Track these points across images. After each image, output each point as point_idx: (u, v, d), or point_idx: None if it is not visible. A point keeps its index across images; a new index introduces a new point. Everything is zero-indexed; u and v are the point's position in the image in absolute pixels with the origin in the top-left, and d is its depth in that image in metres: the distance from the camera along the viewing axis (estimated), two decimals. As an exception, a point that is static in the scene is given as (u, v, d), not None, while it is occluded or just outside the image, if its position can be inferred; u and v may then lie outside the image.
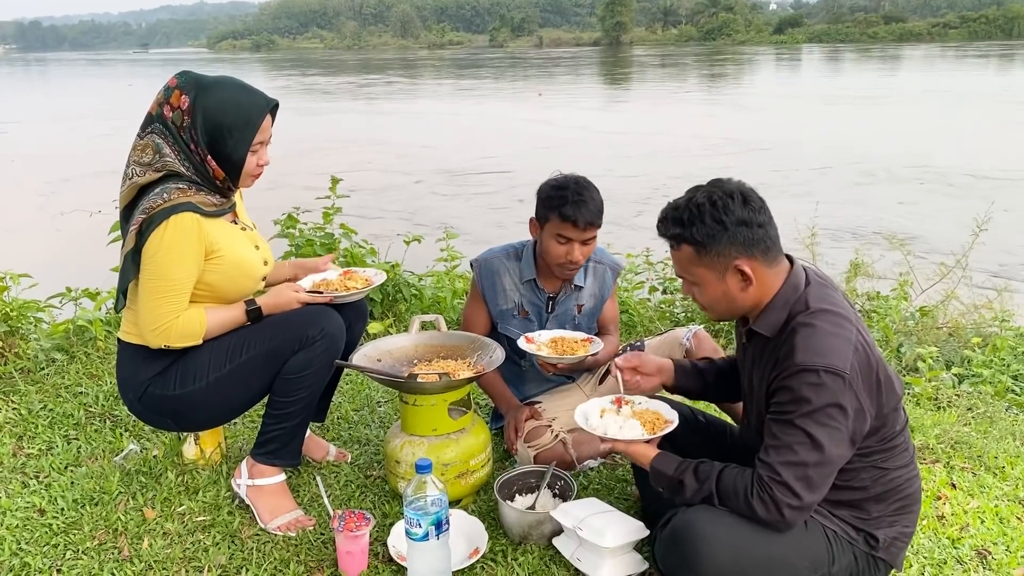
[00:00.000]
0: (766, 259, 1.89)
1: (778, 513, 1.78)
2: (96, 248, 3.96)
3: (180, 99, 2.22)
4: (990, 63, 42.91)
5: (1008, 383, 3.97)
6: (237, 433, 3.03)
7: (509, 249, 2.83)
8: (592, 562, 2.15)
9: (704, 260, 1.89)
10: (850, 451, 1.82)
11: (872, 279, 5.12)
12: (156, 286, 2.21)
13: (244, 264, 2.36)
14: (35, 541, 2.34)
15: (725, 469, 1.90)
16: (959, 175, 12.24)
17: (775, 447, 1.79)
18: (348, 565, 2.21)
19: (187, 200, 2.21)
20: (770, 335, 1.91)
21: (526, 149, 16.20)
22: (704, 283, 1.93)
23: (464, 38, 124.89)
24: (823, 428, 1.75)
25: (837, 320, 1.81)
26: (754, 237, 1.86)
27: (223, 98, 2.23)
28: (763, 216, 1.88)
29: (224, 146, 2.24)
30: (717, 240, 1.85)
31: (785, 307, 1.88)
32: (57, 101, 33.39)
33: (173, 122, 2.23)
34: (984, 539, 2.45)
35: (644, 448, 2.05)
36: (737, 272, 1.88)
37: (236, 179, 2.31)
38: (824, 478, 1.79)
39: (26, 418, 3.12)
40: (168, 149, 2.24)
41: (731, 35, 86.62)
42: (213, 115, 2.22)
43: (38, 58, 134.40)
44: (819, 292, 1.88)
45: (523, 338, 2.64)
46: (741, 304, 1.93)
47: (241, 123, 2.24)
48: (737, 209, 1.85)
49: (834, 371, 1.74)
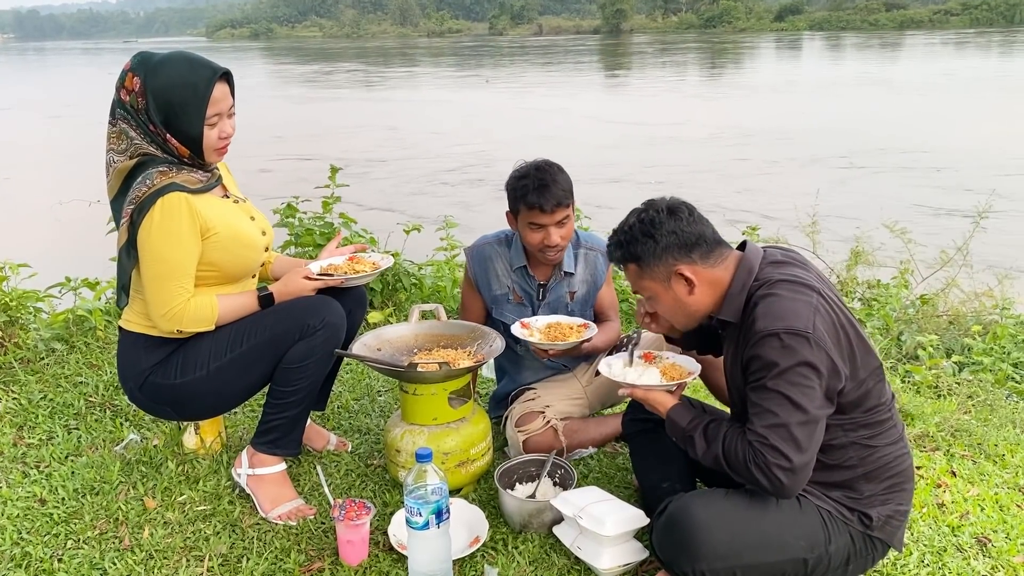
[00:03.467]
0: (706, 260, 1.96)
1: (775, 478, 1.80)
2: (95, 237, 3.95)
3: (132, 81, 2.19)
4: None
5: (1008, 371, 3.98)
6: (237, 422, 3.03)
7: (501, 236, 2.84)
8: (592, 550, 2.15)
9: (647, 273, 2.00)
10: (829, 407, 1.84)
11: (873, 267, 5.12)
12: (158, 271, 2.20)
13: (242, 236, 2.34)
14: (36, 530, 2.35)
15: (729, 432, 1.92)
16: (964, 162, 12.22)
17: (757, 414, 1.83)
18: (349, 554, 2.21)
19: (171, 181, 2.19)
20: (735, 320, 1.96)
21: (525, 137, 16.16)
22: (656, 295, 2.02)
23: (463, 26, 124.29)
24: (796, 387, 1.78)
25: (794, 287, 1.86)
26: (686, 242, 1.95)
27: (170, 75, 2.19)
28: (690, 223, 1.97)
29: (180, 123, 2.20)
30: (652, 253, 1.96)
31: (743, 290, 1.94)
32: (47, 90, 33.32)
33: (131, 105, 2.21)
34: (984, 527, 2.45)
35: (662, 396, 2.09)
36: (680, 278, 1.96)
37: (200, 154, 2.27)
38: (809, 436, 1.81)
39: (26, 408, 3.12)
40: (134, 132, 2.22)
41: (731, 22, 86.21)
42: (162, 93, 2.18)
43: (36, 47, 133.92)
44: (775, 270, 1.93)
45: (518, 323, 2.64)
46: (695, 308, 2.00)
47: (190, 98, 2.18)
48: (665, 222, 1.95)
49: (795, 331, 1.78)
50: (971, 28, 69.17)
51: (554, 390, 2.84)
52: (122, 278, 2.29)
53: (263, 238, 2.45)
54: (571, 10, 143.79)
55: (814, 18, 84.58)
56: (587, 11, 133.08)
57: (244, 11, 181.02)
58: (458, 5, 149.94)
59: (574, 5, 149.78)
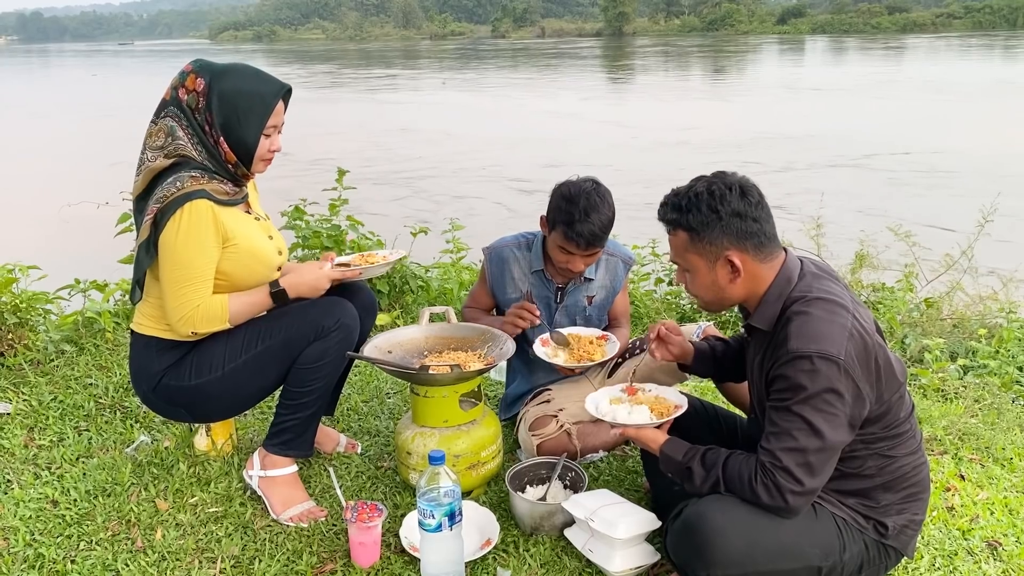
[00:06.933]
0: (758, 253, 1.91)
1: (781, 499, 1.80)
2: (104, 240, 3.96)
3: (196, 82, 2.24)
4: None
5: (1015, 374, 3.97)
6: (248, 424, 3.04)
7: (520, 238, 2.84)
8: (604, 553, 2.16)
9: (697, 247, 1.93)
10: (850, 435, 1.83)
11: (877, 270, 5.11)
12: (179, 276, 2.22)
13: (259, 252, 2.36)
14: (48, 532, 2.36)
15: (731, 456, 1.92)
16: (969, 165, 12.22)
17: (775, 434, 1.82)
18: (361, 556, 2.22)
19: (200, 187, 2.21)
20: (767, 328, 1.93)
21: (531, 138, 16.18)
22: (695, 270, 1.97)
23: (466, 28, 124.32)
24: (820, 414, 1.77)
25: (831, 307, 1.83)
26: (747, 230, 1.89)
27: (238, 82, 2.26)
28: (759, 211, 1.91)
29: (238, 129, 2.26)
30: (710, 228, 1.89)
31: (779, 299, 1.91)
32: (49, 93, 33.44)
33: (188, 104, 2.25)
34: (994, 530, 2.46)
35: (653, 433, 2.07)
36: (727, 263, 1.91)
37: (248, 163, 2.32)
38: (824, 463, 1.81)
39: (37, 410, 3.13)
40: (181, 132, 2.25)
41: (734, 25, 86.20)
42: (229, 97, 2.24)
43: (40, 49, 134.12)
44: (813, 283, 1.90)
45: (538, 341, 2.65)
46: (729, 296, 1.97)
47: (256, 106, 2.26)
48: (734, 201, 1.89)
49: (827, 356, 1.76)
50: (973, 31, 69.11)
51: (567, 393, 2.84)
52: (137, 272, 2.30)
53: (278, 257, 2.47)
54: (573, 12, 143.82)
55: (816, 21, 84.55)
56: (589, 14, 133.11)
57: (247, 13, 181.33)
58: (460, 8, 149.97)
59: (576, 7, 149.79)
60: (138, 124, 2.49)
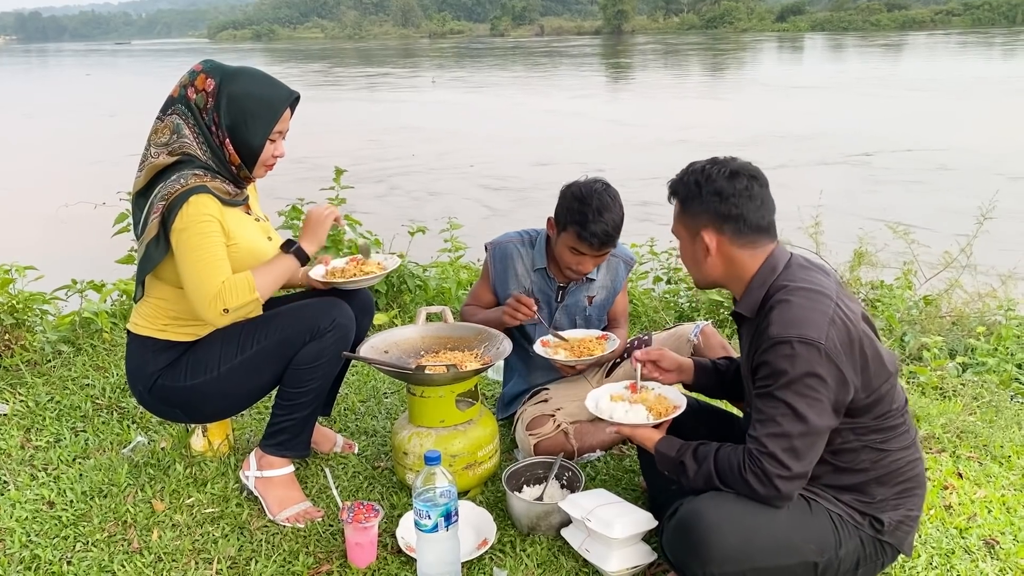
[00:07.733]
0: (736, 238, 1.94)
1: (771, 485, 1.81)
2: (101, 240, 3.96)
3: (205, 82, 2.25)
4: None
5: (1013, 372, 3.97)
6: (244, 425, 3.04)
7: (524, 235, 2.84)
8: (601, 553, 2.15)
9: (682, 219, 2.02)
10: (835, 420, 1.84)
11: (876, 268, 5.11)
12: (197, 258, 2.19)
13: (258, 253, 2.36)
14: (45, 533, 2.35)
15: (721, 448, 1.93)
16: (968, 162, 12.21)
17: (760, 421, 1.83)
18: (357, 556, 2.21)
19: (203, 184, 2.22)
20: (750, 315, 1.95)
21: (525, 137, 16.17)
22: (681, 239, 2.05)
23: (465, 27, 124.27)
24: (803, 399, 1.78)
25: (812, 295, 1.85)
26: (725, 212, 1.92)
27: (248, 85, 2.28)
28: (743, 196, 1.92)
29: (245, 131, 2.27)
30: (692, 202, 1.97)
31: (763, 287, 1.93)
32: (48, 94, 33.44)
33: (196, 104, 2.25)
34: (992, 529, 2.45)
35: (649, 432, 2.08)
36: (702, 240, 1.96)
37: (251, 166, 2.33)
38: (809, 447, 1.82)
39: (33, 410, 3.13)
40: (187, 130, 2.26)
41: (733, 23, 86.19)
42: (238, 100, 2.25)
43: (39, 48, 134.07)
44: (798, 272, 1.92)
45: (539, 343, 2.65)
46: (707, 273, 2.02)
47: (264, 111, 2.28)
48: (719, 180, 1.93)
49: (808, 341, 1.77)
50: (973, 28, 69.07)
51: (565, 392, 2.84)
52: (142, 271, 2.29)
53: None
54: (572, 11, 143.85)
55: (815, 19, 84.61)
56: (588, 12, 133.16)
57: (246, 12, 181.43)
58: (459, 6, 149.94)
59: (575, 6, 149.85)
60: (137, 124, 2.49)
